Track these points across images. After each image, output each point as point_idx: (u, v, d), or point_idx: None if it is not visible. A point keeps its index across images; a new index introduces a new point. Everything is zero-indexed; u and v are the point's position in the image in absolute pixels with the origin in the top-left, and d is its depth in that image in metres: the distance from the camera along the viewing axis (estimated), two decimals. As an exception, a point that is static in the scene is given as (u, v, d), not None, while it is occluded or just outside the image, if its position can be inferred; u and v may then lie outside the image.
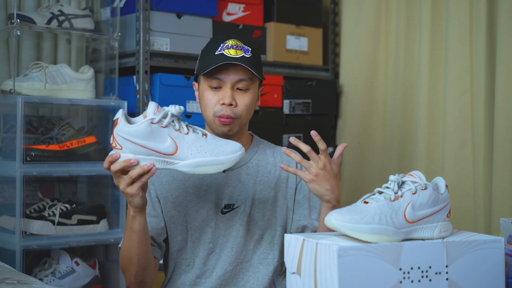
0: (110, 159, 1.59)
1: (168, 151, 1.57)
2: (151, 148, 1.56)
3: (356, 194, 3.16)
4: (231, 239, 1.91)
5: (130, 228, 1.72)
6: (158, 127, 1.56)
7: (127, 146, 1.56)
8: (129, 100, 2.61)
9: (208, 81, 1.86)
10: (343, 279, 1.28)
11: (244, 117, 1.88)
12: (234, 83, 1.85)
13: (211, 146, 1.60)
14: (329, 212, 1.43)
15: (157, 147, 1.57)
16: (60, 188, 2.72)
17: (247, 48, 1.87)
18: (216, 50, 1.85)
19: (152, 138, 1.56)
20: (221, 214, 1.90)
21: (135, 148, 1.56)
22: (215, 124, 1.86)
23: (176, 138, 1.58)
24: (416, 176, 1.43)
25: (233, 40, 1.88)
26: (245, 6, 3.03)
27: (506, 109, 2.59)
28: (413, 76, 3.05)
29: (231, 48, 1.85)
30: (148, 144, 1.56)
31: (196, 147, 1.59)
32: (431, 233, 1.41)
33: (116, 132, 1.56)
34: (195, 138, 1.59)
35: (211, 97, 1.86)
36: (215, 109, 1.85)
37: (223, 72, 1.85)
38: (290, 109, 3.12)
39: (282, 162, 1.96)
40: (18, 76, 2.44)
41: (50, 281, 2.41)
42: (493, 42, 2.69)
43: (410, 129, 3.06)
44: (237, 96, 1.86)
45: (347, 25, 3.37)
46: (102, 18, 2.78)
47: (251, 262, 1.93)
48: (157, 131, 1.56)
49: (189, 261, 1.92)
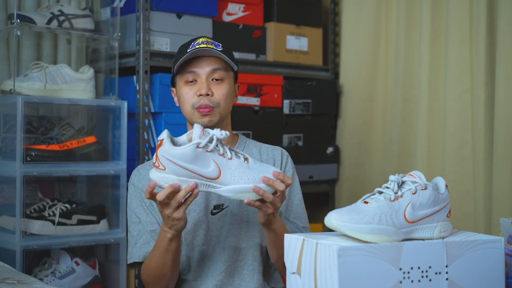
0: (151, 190, 1.60)
1: (211, 175, 1.59)
2: (195, 171, 1.57)
3: (356, 194, 3.16)
4: (223, 239, 1.91)
5: (166, 249, 1.73)
6: (203, 151, 1.57)
7: (170, 168, 1.56)
8: (129, 100, 2.61)
9: (184, 77, 1.90)
10: (343, 279, 1.28)
11: (223, 106, 1.90)
12: (208, 73, 1.89)
13: (253, 173, 1.61)
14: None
15: (201, 171, 1.58)
16: (60, 188, 2.72)
17: (218, 44, 1.92)
18: (188, 48, 1.89)
19: (196, 162, 1.57)
20: (211, 215, 1.91)
21: (178, 170, 1.56)
22: (195, 116, 1.89)
23: (220, 163, 1.59)
24: (416, 176, 1.43)
25: (203, 37, 1.93)
26: (245, 6, 3.03)
27: (506, 109, 2.59)
28: (413, 76, 3.05)
29: (202, 44, 1.88)
30: (192, 167, 1.57)
31: (239, 172, 1.60)
32: (431, 233, 1.41)
33: (160, 153, 1.56)
34: (238, 164, 1.61)
35: (187, 91, 1.89)
36: (193, 101, 1.88)
37: (196, 65, 1.88)
38: (290, 109, 3.12)
39: (268, 160, 1.99)
40: (18, 76, 2.44)
41: (50, 281, 2.41)
42: (493, 42, 2.69)
43: (410, 129, 3.06)
44: (213, 87, 1.89)
45: (347, 25, 3.37)
46: (102, 18, 2.78)
47: (245, 260, 1.93)
48: (202, 155, 1.57)
49: (185, 265, 1.92)
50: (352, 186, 3.32)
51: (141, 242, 1.89)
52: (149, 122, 2.65)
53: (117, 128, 2.56)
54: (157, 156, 1.57)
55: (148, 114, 2.66)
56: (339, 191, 3.37)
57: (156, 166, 1.58)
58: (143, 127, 2.64)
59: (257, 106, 3.00)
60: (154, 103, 2.68)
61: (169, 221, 1.65)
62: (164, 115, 2.67)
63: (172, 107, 2.66)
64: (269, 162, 1.99)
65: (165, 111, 2.67)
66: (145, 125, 2.65)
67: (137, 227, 1.91)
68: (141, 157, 2.62)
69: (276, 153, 2.01)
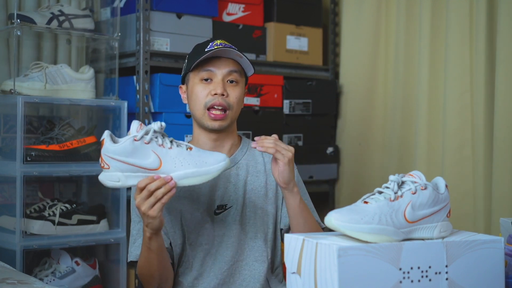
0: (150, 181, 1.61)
1: (152, 166, 1.62)
2: (136, 164, 1.61)
3: (356, 194, 3.16)
4: (226, 239, 1.92)
5: (148, 248, 1.75)
6: (141, 143, 1.61)
7: (114, 165, 1.61)
8: (129, 100, 2.61)
9: (199, 74, 1.89)
10: (343, 279, 1.28)
11: (235, 109, 1.91)
12: (225, 74, 1.89)
13: (194, 158, 1.64)
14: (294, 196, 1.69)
15: (142, 163, 1.62)
16: (60, 188, 2.72)
17: (235, 48, 1.92)
18: (206, 48, 1.89)
19: (136, 154, 1.61)
20: (215, 215, 1.92)
21: (121, 166, 1.61)
22: (205, 118, 1.89)
23: (159, 153, 1.62)
24: (416, 176, 1.43)
25: (221, 40, 1.93)
26: (245, 6, 3.03)
27: (506, 109, 2.59)
28: (413, 76, 3.05)
29: (220, 45, 1.88)
30: (133, 161, 1.61)
31: (180, 160, 1.63)
32: (431, 233, 1.41)
33: (103, 152, 1.62)
34: (178, 152, 1.64)
35: (201, 89, 1.89)
36: (206, 100, 1.88)
37: (214, 64, 1.88)
38: (290, 109, 3.12)
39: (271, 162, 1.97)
40: (18, 76, 2.44)
41: (50, 281, 2.42)
42: (493, 42, 2.69)
43: (410, 129, 3.06)
44: (228, 88, 1.90)
45: (347, 25, 3.37)
46: (102, 18, 2.78)
47: (246, 260, 1.94)
48: (140, 148, 1.61)
49: (187, 264, 1.92)
50: (352, 186, 3.32)
51: (139, 242, 1.90)
52: (149, 122, 2.65)
53: (117, 128, 2.56)
54: (101, 156, 1.62)
55: (148, 114, 2.66)
56: (339, 191, 3.37)
57: (102, 166, 1.63)
58: (143, 127, 2.64)
59: (257, 106, 3.00)
60: (154, 103, 2.68)
61: (145, 218, 1.66)
62: (164, 115, 2.67)
63: (172, 107, 2.68)
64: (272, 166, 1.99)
65: (165, 111, 2.67)
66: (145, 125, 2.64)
67: (137, 226, 1.91)
68: (141, 157, 2.62)
69: None
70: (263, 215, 1.95)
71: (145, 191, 1.62)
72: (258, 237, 1.95)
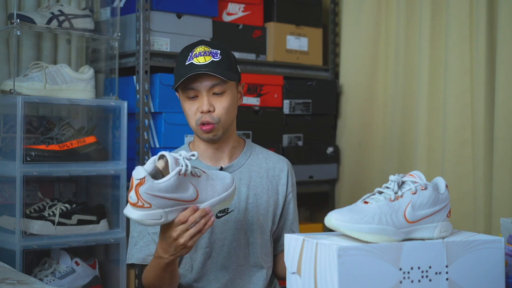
0: (192, 213, 1.58)
1: (191, 197, 1.60)
2: (178, 199, 1.57)
3: (356, 194, 3.16)
4: (227, 243, 1.92)
5: (163, 269, 1.73)
6: (182, 177, 1.57)
7: (156, 203, 1.54)
8: (129, 100, 2.61)
9: (185, 93, 1.91)
10: (343, 279, 1.28)
11: (224, 120, 1.90)
12: (208, 89, 1.89)
13: (216, 183, 1.64)
14: None
15: (183, 196, 1.58)
16: (60, 188, 2.72)
17: (215, 52, 1.89)
18: (186, 61, 1.89)
19: (179, 189, 1.57)
20: (216, 219, 1.91)
21: (165, 203, 1.55)
22: (199, 132, 1.92)
23: (195, 183, 1.60)
24: (416, 176, 1.43)
25: (200, 47, 1.90)
26: (245, 6, 3.03)
27: (506, 109, 2.59)
28: (413, 76, 3.05)
29: (199, 56, 1.87)
30: (176, 196, 1.57)
31: (210, 188, 1.63)
32: (431, 233, 1.41)
33: (143, 191, 1.52)
34: (205, 179, 1.63)
35: (190, 106, 1.91)
36: (196, 117, 1.90)
37: (195, 81, 1.88)
38: (290, 109, 3.12)
39: (274, 168, 2.00)
40: (18, 76, 2.44)
41: (50, 281, 2.41)
42: (493, 42, 2.69)
43: (410, 129, 3.06)
44: (214, 101, 1.89)
45: (347, 25, 3.37)
46: (102, 18, 2.78)
47: (247, 266, 1.94)
48: (182, 181, 1.58)
49: (187, 265, 1.92)
50: (352, 186, 3.32)
51: (141, 244, 1.89)
52: (149, 122, 2.65)
53: (117, 128, 2.56)
54: (139, 195, 1.52)
55: (148, 114, 2.66)
56: (339, 191, 3.37)
57: (140, 205, 1.53)
58: (143, 127, 2.64)
59: (257, 106, 3.00)
60: (154, 103, 2.68)
61: (178, 248, 1.63)
62: (164, 115, 2.67)
63: (172, 107, 2.67)
64: (274, 172, 2.02)
65: (165, 111, 2.67)
66: (145, 125, 2.65)
67: (138, 228, 1.91)
68: (141, 157, 2.62)
69: (282, 166, 2.04)
70: (264, 221, 1.96)
71: (187, 224, 1.59)
72: (258, 243, 1.95)
